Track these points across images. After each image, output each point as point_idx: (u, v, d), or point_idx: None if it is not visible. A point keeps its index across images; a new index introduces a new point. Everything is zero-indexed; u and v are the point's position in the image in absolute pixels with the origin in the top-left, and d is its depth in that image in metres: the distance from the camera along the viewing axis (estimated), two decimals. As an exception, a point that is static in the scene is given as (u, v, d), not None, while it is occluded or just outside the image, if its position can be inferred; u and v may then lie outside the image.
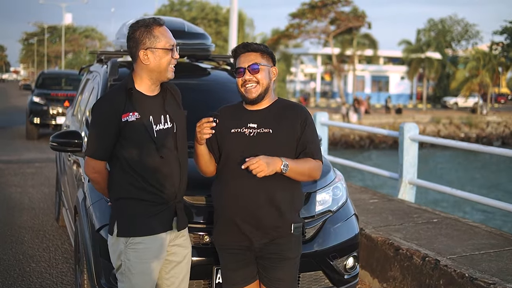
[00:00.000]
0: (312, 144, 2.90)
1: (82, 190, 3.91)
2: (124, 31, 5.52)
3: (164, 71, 2.78)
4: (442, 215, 5.52)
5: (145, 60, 2.74)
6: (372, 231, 4.84)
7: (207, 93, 4.82)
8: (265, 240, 2.87)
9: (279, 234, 2.88)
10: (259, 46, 2.90)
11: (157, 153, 2.75)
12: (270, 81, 2.90)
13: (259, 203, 2.82)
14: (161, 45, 2.74)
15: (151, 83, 2.81)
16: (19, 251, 5.41)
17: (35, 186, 8.58)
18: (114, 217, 2.80)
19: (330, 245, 3.59)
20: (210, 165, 2.95)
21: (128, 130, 2.72)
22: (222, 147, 2.92)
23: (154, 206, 2.76)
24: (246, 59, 2.87)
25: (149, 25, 2.74)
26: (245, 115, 2.91)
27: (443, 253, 4.31)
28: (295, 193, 2.94)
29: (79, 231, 3.74)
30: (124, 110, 2.72)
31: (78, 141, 4.21)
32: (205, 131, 2.75)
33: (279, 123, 2.86)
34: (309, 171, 2.85)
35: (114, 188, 2.81)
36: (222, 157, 2.92)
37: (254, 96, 2.86)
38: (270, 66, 2.91)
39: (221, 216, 2.92)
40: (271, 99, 2.95)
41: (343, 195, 3.89)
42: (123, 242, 2.75)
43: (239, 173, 2.81)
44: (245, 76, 2.85)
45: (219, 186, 2.92)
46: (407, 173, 6.41)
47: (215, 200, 2.96)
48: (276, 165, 2.71)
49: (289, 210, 2.90)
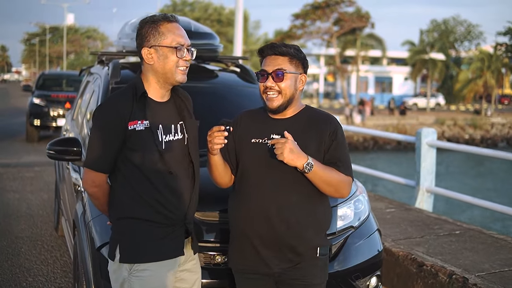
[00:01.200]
0: (342, 158, 2.57)
1: (81, 203, 3.60)
2: (126, 30, 5.21)
3: (170, 73, 2.45)
4: (464, 226, 5.21)
5: (148, 59, 2.44)
6: (392, 245, 4.53)
7: (215, 97, 4.50)
8: (286, 265, 2.56)
9: (303, 258, 2.56)
10: (289, 50, 2.55)
11: (166, 167, 2.43)
12: (295, 91, 2.57)
13: (280, 222, 2.51)
14: (166, 42, 2.42)
15: (159, 87, 2.49)
16: (15, 263, 5.09)
17: (34, 192, 8.27)
18: (116, 240, 2.47)
19: (353, 265, 3.28)
20: (225, 176, 2.64)
21: (134, 140, 2.40)
22: (240, 158, 2.61)
23: (162, 228, 2.44)
24: (272, 62, 2.54)
25: (156, 21, 2.43)
26: (268, 124, 2.59)
27: (471, 269, 4.00)
28: (322, 211, 2.63)
29: (78, 248, 3.43)
30: (131, 117, 2.40)
31: (77, 149, 3.90)
32: (217, 140, 2.44)
33: (306, 135, 2.54)
34: (337, 183, 2.52)
35: (116, 205, 2.49)
36: (240, 168, 2.61)
37: (274, 106, 2.54)
38: (299, 73, 2.58)
39: (237, 235, 2.61)
40: (298, 107, 2.63)
41: (365, 208, 3.58)
42: (127, 269, 2.42)
43: (258, 188, 2.52)
44: (267, 82, 2.53)
45: (235, 202, 2.62)
46: (424, 181, 6.09)
47: (231, 217, 2.65)
48: (299, 159, 2.40)
49: (315, 230, 2.59)
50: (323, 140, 2.54)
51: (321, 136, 2.54)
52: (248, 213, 2.54)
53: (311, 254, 2.57)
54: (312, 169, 2.42)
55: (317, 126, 2.57)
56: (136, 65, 4.94)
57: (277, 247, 2.53)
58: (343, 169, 2.55)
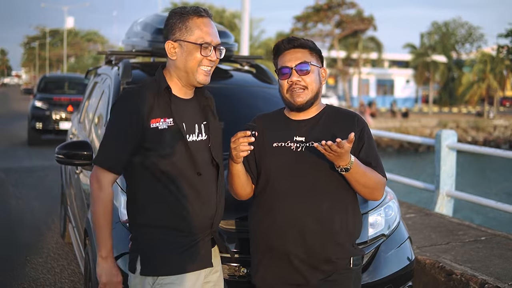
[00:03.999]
0: (375, 158, 2.39)
1: (93, 210, 3.38)
2: (135, 29, 5.02)
3: (192, 72, 2.25)
4: (489, 232, 5.00)
5: (171, 54, 2.25)
6: (418, 252, 4.31)
7: (229, 99, 4.29)
8: (319, 277, 2.35)
9: (336, 268, 2.35)
10: (307, 42, 2.39)
11: (193, 169, 2.22)
12: (320, 85, 2.40)
13: (310, 231, 2.31)
14: (192, 39, 2.22)
15: (181, 85, 2.29)
16: (21, 273, 4.87)
17: (38, 197, 8.04)
18: (137, 251, 2.25)
19: (385, 275, 3.09)
20: (247, 187, 2.43)
21: (156, 139, 2.19)
22: (261, 165, 2.40)
23: (187, 237, 2.23)
24: (292, 56, 2.36)
25: (185, 14, 2.23)
26: (289, 126, 2.40)
27: (503, 278, 3.79)
28: (354, 218, 2.43)
29: (90, 259, 3.21)
30: (153, 114, 2.19)
31: (88, 153, 3.69)
32: (242, 147, 2.22)
33: (332, 135, 2.31)
34: (374, 183, 2.33)
35: (136, 213, 2.27)
36: (262, 176, 2.40)
37: (301, 101, 2.34)
38: (320, 67, 2.41)
39: (261, 249, 2.40)
40: (320, 106, 2.45)
41: (396, 215, 3.37)
42: (150, 283, 2.21)
43: (285, 197, 2.31)
44: (292, 77, 2.34)
45: (258, 213, 2.40)
46: (444, 185, 5.87)
47: (253, 229, 2.44)
48: (343, 160, 2.20)
49: (347, 238, 2.39)
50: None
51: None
52: (276, 225, 2.33)
53: (345, 264, 2.38)
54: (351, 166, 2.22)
55: (342, 125, 2.38)
56: (146, 65, 4.75)
57: (310, 259, 2.34)
58: (379, 169, 2.38)
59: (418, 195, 13.51)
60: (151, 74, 4.41)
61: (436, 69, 45.85)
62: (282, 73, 2.38)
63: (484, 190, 17.46)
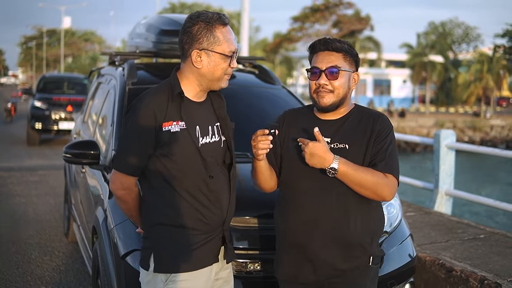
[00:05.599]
0: (383, 154, 2.36)
1: (101, 208, 3.45)
2: (139, 30, 5.08)
3: (218, 80, 2.30)
4: (488, 230, 5.08)
5: (197, 62, 2.27)
6: (418, 250, 4.38)
7: (232, 99, 4.34)
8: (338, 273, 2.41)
9: (356, 266, 2.41)
10: (343, 46, 2.40)
11: (205, 171, 2.29)
12: (348, 90, 2.41)
13: (331, 230, 2.36)
14: (220, 49, 2.26)
15: (199, 89, 2.34)
16: (27, 271, 4.93)
17: (40, 196, 8.10)
18: (150, 248, 2.31)
19: (387, 272, 3.14)
20: (270, 182, 2.48)
21: (168, 142, 2.25)
22: (287, 162, 2.45)
23: (199, 235, 2.29)
24: (324, 59, 2.38)
25: (211, 22, 2.25)
26: (315, 125, 2.41)
27: (502, 275, 3.87)
28: (376, 217, 2.47)
29: (99, 257, 3.27)
30: (166, 118, 2.25)
31: (95, 152, 3.75)
32: (261, 145, 2.28)
33: (356, 137, 2.37)
34: (372, 185, 2.30)
35: (150, 211, 2.34)
36: (286, 172, 2.45)
37: (326, 103, 2.38)
38: (352, 72, 2.42)
39: (288, 245, 2.45)
40: (349, 107, 2.48)
41: (398, 213, 3.45)
42: (162, 280, 2.27)
43: (307, 195, 2.37)
44: (320, 79, 2.37)
45: (283, 210, 2.46)
46: (443, 184, 5.95)
47: (278, 225, 2.50)
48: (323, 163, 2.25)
49: (368, 239, 2.43)
50: (370, 138, 2.38)
51: (369, 134, 2.39)
52: (299, 223, 2.39)
53: (364, 262, 2.43)
54: (336, 173, 2.26)
55: (365, 126, 2.41)
56: (150, 66, 4.81)
57: (328, 254, 2.39)
58: (382, 168, 2.34)
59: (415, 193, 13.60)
60: (155, 75, 4.51)
61: (433, 69, 45.98)
62: (312, 72, 2.40)
63: (478, 189, 17.57)
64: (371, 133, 2.39)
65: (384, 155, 2.37)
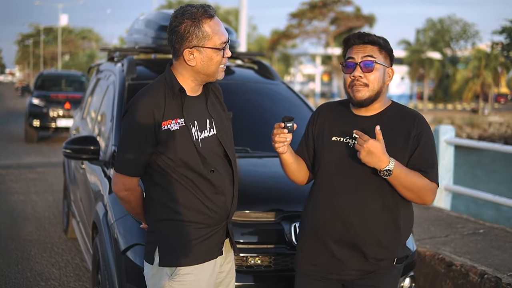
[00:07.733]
0: (428, 163, 2.33)
1: (102, 203, 3.45)
2: (136, 26, 5.07)
3: (213, 73, 2.27)
4: (487, 224, 5.09)
5: (190, 60, 2.24)
6: (418, 245, 4.39)
7: (231, 94, 4.34)
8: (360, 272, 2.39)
9: (379, 267, 2.39)
10: (378, 39, 2.36)
11: (207, 166, 2.27)
12: (383, 85, 2.36)
13: (358, 228, 2.34)
14: (211, 43, 2.21)
15: (194, 84, 2.32)
16: (26, 267, 4.93)
17: (39, 193, 8.09)
18: (155, 242, 2.30)
19: (387, 266, 3.14)
20: (298, 174, 2.48)
21: (168, 140, 2.23)
22: (320, 157, 2.43)
23: (204, 228, 2.29)
24: (359, 51, 2.34)
25: (196, 17, 2.19)
26: (350, 121, 2.40)
27: (502, 269, 3.87)
28: (404, 220, 2.42)
29: (99, 251, 3.27)
30: (165, 116, 2.23)
31: (95, 148, 3.75)
32: (278, 138, 2.28)
33: (391, 135, 2.31)
34: (419, 189, 2.28)
35: (154, 207, 2.32)
36: (318, 168, 2.43)
37: (360, 97, 2.33)
38: (387, 66, 2.38)
39: (311, 238, 2.44)
40: (384, 104, 2.42)
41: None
42: (167, 274, 2.26)
43: (336, 190, 2.34)
44: (355, 72, 2.32)
45: (311, 203, 2.45)
46: (442, 179, 5.95)
47: (305, 219, 2.49)
48: (378, 163, 2.20)
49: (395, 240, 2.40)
50: (408, 142, 2.33)
51: (406, 138, 2.33)
52: (324, 216, 2.38)
53: (389, 262, 2.41)
54: (390, 174, 2.23)
55: (402, 126, 2.35)
56: (149, 61, 4.80)
57: (353, 253, 2.37)
58: (429, 175, 2.31)
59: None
60: (153, 70, 4.50)
61: (431, 66, 46.00)
62: (347, 66, 2.35)
63: (476, 185, 17.61)
64: (408, 135, 2.33)
65: (431, 162, 2.35)
